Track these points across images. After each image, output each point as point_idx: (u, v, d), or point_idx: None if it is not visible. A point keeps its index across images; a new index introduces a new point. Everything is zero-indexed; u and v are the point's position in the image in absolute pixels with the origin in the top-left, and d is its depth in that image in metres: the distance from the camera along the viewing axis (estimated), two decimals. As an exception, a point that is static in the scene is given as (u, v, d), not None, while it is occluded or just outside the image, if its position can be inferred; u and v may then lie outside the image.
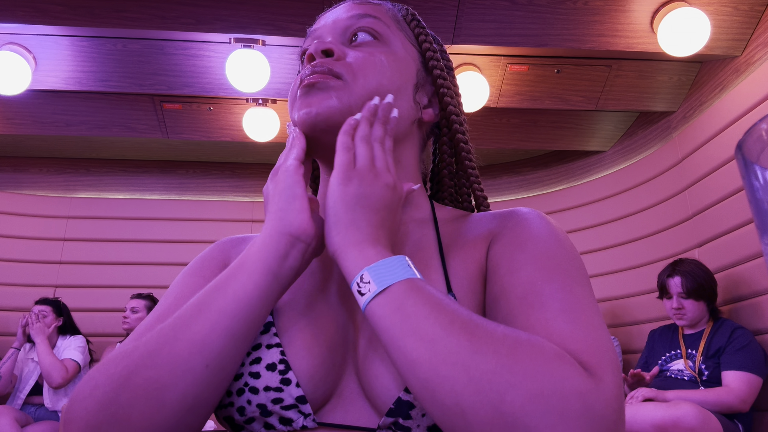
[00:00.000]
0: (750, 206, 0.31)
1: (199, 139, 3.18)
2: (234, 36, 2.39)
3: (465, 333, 0.45)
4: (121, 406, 0.47)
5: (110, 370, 0.49)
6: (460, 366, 0.44)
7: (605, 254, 3.33)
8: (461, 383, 0.43)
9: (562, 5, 2.33)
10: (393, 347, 0.48)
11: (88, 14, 2.25)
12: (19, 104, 2.93)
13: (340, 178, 0.55)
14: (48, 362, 2.91)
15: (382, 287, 0.49)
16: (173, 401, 0.48)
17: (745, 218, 2.47)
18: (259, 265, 0.53)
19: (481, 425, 0.42)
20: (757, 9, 2.38)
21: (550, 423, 0.40)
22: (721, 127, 2.62)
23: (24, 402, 3.03)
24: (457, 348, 0.45)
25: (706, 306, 2.43)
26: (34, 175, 3.79)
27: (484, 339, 0.45)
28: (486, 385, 0.42)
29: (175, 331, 0.50)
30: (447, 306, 0.48)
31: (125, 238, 3.76)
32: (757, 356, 2.22)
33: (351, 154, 0.56)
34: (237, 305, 0.51)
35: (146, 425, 0.47)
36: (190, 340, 0.49)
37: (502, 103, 2.82)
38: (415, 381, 0.46)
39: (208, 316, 0.50)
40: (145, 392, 0.48)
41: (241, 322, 0.51)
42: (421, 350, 0.46)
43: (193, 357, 0.49)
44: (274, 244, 0.54)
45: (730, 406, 2.15)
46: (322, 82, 0.60)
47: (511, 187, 3.82)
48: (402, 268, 0.50)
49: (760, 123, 0.29)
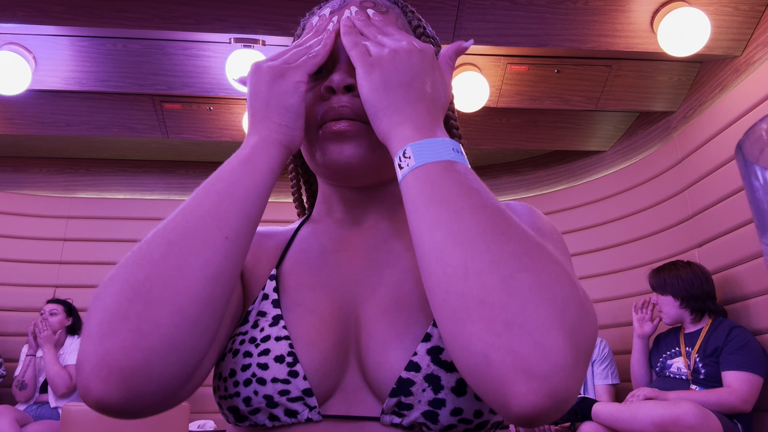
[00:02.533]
0: (750, 206, 0.31)
1: (199, 139, 3.17)
2: (234, 36, 2.39)
3: (494, 216, 0.46)
4: (141, 281, 0.46)
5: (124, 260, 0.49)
6: (482, 238, 0.45)
7: (605, 254, 3.33)
8: (477, 250, 0.44)
9: (562, 5, 2.33)
10: (415, 213, 0.49)
11: (88, 14, 2.25)
12: (19, 104, 2.93)
13: (363, 70, 0.57)
14: (53, 372, 2.97)
15: (420, 163, 0.51)
16: (195, 268, 0.48)
17: (745, 218, 2.47)
18: (263, 165, 0.56)
19: (481, 290, 0.42)
20: (757, 9, 2.38)
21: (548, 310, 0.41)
22: (721, 127, 2.62)
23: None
24: (483, 222, 0.46)
25: (673, 300, 2.47)
26: (34, 175, 3.79)
27: (514, 227, 0.46)
28: (501, 260, 0.43)
29: (186, 214, 0.51)
30: (480, 191, 0.49)
31: (125, 238, 3.75)
32: (757, 355, 2.22)
33: (362, 47, 0.59)
34: (249, 191, 0.54)
35: (170, 295, 0.46)
36: (207, 216, 0.51)
37: (502, 103, 2.82)
38: (428, 241, 0.47)
39: (222, 198, 0.52)
40: (165, 265, 0.47)
41: (253, 204, 0.54)
42: (444, 216, 0.47)
43: (211, 230, 0.50)
44: (275, 150, 0.58)
45: (732, 407, 2.15)
46: (352, 132, 0.61)
47: (511, 187, 3.82)
48: (445, 150, 0.52)
49: (760, 123, 0.29)
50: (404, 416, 0.52)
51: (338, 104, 0.61)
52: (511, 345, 0.40)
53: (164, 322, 0.45)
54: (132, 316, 0.45)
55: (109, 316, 0.45)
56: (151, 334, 0.45)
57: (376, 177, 0.65)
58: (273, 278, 0.62)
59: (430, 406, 0.51)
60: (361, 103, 0.59)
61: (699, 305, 2.43)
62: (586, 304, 0.45)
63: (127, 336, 0.44)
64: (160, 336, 0.45)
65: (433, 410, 0.51)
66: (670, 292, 2.48)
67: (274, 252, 0.67)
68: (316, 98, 0.63)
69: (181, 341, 0.46)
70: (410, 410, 0.52)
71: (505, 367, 0.40)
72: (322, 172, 0.65)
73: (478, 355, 0.41)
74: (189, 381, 0.50)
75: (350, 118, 0.61)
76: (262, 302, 0.61)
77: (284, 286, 0.62)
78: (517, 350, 0.40)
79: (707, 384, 2.29)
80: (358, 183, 0.65)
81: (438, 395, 0.51)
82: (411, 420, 0.52)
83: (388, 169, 0.65)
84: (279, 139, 0.58)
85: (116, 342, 0.44)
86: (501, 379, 0.40)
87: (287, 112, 0.59)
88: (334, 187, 0.68)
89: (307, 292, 0.61)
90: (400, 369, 0.52)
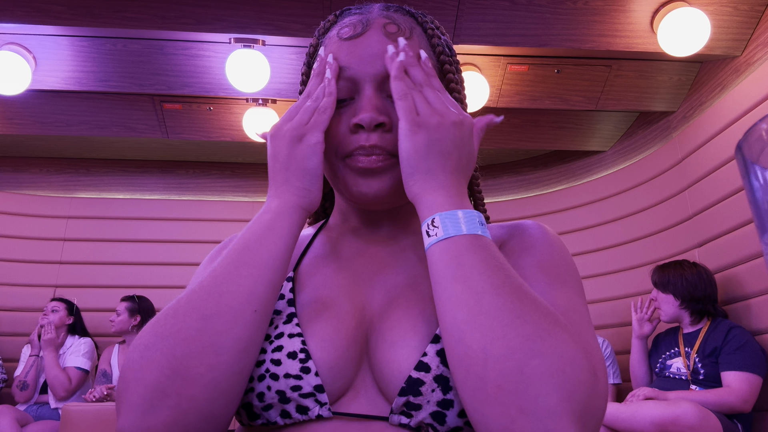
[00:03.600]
0: (750, 206, 0.31)
1: (199, 139, 3.18)
2: (234, 36, 2.39)
3: (513, 296, 0.50)
4: (178, 358, 0.49)
5: (158, 330, 0.51)
6: (499, 321, 0.48)
7: (605, 254, 3.33)
8: (495, 335, 0.48)
9: (562, 5, 2.33)
10: (440, 287, 0.52)
11: (88, 14, 2.25)
12: (19, 104, 2.93)
13: (408, 129, 0.58)
14: (52, 375, 2.99)
15: (447, 235, 0.54)
16: (229, 345, 0.51)
17: (745, 218, 2.47)
18: (285, 231, 0.59)
19: (498, 376, 0.46)
20: (757, 9, 2.38)
21: (559, 397, 0.45)
22: (721, 127, 2.62)
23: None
24: (501, 306, 0.49)
25: (674, 300, 2.47)
26: (34, 175, 3.79)
27: (529, 307, 0.49)
28: (518, 345, 0.47)
29: (218, 286, 0.54)
30: (503, 269, 0.52)
31: (125, 238, 3.76)
32: (756, 355, 2.22)
33: (410, 100, 0.60)
34: (275, 260, 0.57)
35: (206, 372, 0.49)
36: (237, 291, 0.53)
37: (502, 103, 2.82)
38: (451, 319, 0.50)
39: (251, 271, 0.55)
40: (200, 342, 0.50)
41: (278, 273, 0.57)
42: (465, 296, 0.50)
43: (241, 305, 0.53)
44: (295, 215, 0.60)
45: (731, 407, 2.15)
46: (382, 167, 0.62)
47: (511, 187, 3.82)
48: (471, 223, 0.55)
49: (760, 123, 0.29)
50: (412, 416, 0.53)
51: (369, 143, 0.61)
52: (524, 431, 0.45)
53: (201, 398, 0.49)
54: (172, 394, 0.49)
55: (150, 392, 0.49)
56: (190, 410, 0.49)
57: (398, 202, 0.67)
58: (290, 280, 0.64)
59: (439, 407, 0.52)
60: (389, 137, 0.61)
61: (699, 307, 2.43)
62: (599, 375, 0.49)
63: (169, 413, 0.48)
64: (198, 412, 0.49)
65: (441, 411, 0.52)
66: (672, 291, 2.48)
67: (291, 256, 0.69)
68: (343, 128, 0.63)
69: (216, 414, 0.50)
70: (418, 410, 0.52)
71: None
72: (348, 197, 0.66)
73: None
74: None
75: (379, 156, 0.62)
76: (278, 301, 0.62)
77: (300, 287, 0.64)
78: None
79: (707, 384, 2.29)
80: (381, 208, 0.67)
81: (447, 396, 0.52)
82: (419, 420, 0.53)
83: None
84: (299, 203, 0.60)
85: (158, 418, 0.48)
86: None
87: (306, 175, 0.61)
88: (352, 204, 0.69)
89: (322, 293, 0.62)
90: (409, 369, 0.54)
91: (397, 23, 0.66)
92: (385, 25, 0.65)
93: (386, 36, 0.64)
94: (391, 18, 0.66)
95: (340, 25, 0.67)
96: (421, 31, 0.68)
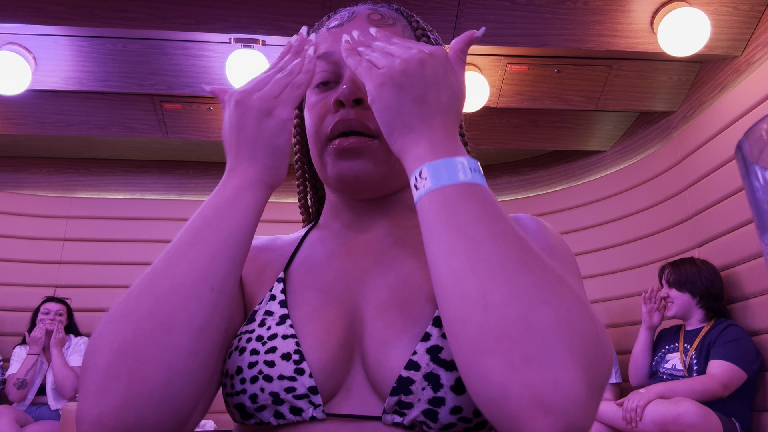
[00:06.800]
0: (750, 206, 0.31)
1: (199, 139, 3.18)
2: (234, 36, 2.39)
3: (513, 245, 0.46)
4: (129, 340, 0.47)
5: (111, 315, 0.50)
6: (501, 268, 0.44)
7: (605, 254, 3.33)
8: (497, 282, 0.44)
9: (562, 5, 2.33)
10: (432, 239, 0.48)
11: (88, 14, 2.25)
12: (19, 104, 2.93)
13: (373, 86, 0.54)
14: (62, 375, 2.99)
15: (436, 186, 0.50)
16: (182, 324, 0.48)
17: (745, 218, 2.47)
18: (250, 207, 0.56)
19: (501, 323, 0.42)
20: (757, 9, 2.38)
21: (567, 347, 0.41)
22: (721, 127, 2.62)
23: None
24: (502, 253, 0.45)
25: (691, 298, 2.45)
26: (34, 175, 3.79)
27: (533, 257, 0.46)
28: (523, 291, 0.43)
29: (171, 266, 0.51)
30: (502, 218, 0.48)
31: (125, 238, 3.76)
32: (746, 351, 2.21)
33: (367, 61, 0.57)
34: (236, 238, 0.53)
35: (158, 352, 0.47)
36: (192, 269, 0.50)
37: (502, 103, 2.82)
38: (445, 269, 0.46)
39: (209, 248, 0.52)
40: (151, 322, 0.48)
41: (239, 251, 0.53)
42: (462, 245, 0.46)
43: (196, 282, 0.50)
44: (260, 191, 0.57)
45: (713, 393, 2.12)
46: (361, 148, 0.62)
47: (511, 187, 3.82)
48: (462, 171, 0.50)
49: (760, 123, 0.29)
50: (405, 415, 0.52)
51: (347, 117, 0.61)
52: (529, 380, 0.41)
53: (154, 379, 0.46)
54: (123, 375, 0.46)
55: (102, 375, 0.46)
56: (142, 392, 0.46)
57: (385, 189, 0.66)
58: (281, 281, 0.63)
59: (430, 405, 0.52)
60: (371, 114, 0.59)
61: (715, 305, 2.42)
62: (602, 337, 0.45)
63: (119, 395, 0.45)
64: (151, 393, 0.46)
65: (433, 408, 0.52)
66: (689, 290, 2.44)
67: (281, 258, 0.69)
68: (326, 110, 0.64)
69: (172, 396, 0.47)
70: (410, 409, 0.52)
71: (523, 401, 0.40)
72: (333, 184, 0.66)
73: (495, 387, 0.42)
74: (183, 428, 0.51)
75: (359, 132, 0.62)
76: (270, 302, 0.61)
77: (292, 287, 0.63)
78: (536, 386, 0.40)
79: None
80: (367, 195, 0.67)
81: (437, 393, 0.52)
82: (411, 418, 0.52)
83: (397, 181, 0.66)
84: (265, 180, 0.58)
85: (109, 402, 0.45)
86: (518, 413, 0.41)
87: (275, 152, 0.58)
88: (343, 197, 0.69)
89: (314, 294, 0.62)
90: (400, 368, 0.53)
91: (381, 13, 0.68)
92: (369, 15, 0.67)
93: (369, 23, 0.66)
94: (376, 9, 0.68)
95: (330, 20, 0.70)
96: (405, 22, 0.69)
